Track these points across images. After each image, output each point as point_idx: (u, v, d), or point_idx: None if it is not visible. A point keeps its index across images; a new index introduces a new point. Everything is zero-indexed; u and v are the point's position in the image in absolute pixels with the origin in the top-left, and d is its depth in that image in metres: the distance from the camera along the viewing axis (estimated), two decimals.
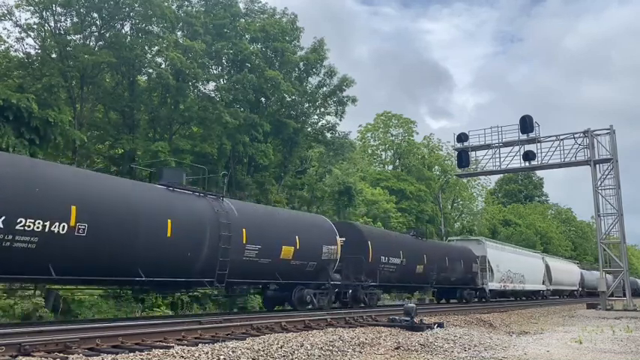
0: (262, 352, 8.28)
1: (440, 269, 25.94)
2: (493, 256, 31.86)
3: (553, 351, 10.54)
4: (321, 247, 17.59)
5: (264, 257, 15.43)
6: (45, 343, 7.60)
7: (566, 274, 47.90)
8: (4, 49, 23.38)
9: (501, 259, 32.94)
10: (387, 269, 21.75)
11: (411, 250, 23.90)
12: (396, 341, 10.62)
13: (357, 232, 21.34)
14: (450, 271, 27.07)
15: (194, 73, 24.89)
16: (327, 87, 33.09)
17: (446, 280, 27.01)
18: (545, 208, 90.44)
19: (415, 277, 24.26)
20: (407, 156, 56.51)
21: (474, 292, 30.03)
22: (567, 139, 30.43)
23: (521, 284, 35.83)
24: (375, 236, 22.18)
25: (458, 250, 29.97)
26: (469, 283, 29.41)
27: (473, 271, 29.48)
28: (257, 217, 16.20)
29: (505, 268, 32.70)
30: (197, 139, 26.83)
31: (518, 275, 35.06)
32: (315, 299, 17.39)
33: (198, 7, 29.02)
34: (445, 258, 26.90)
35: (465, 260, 28.92)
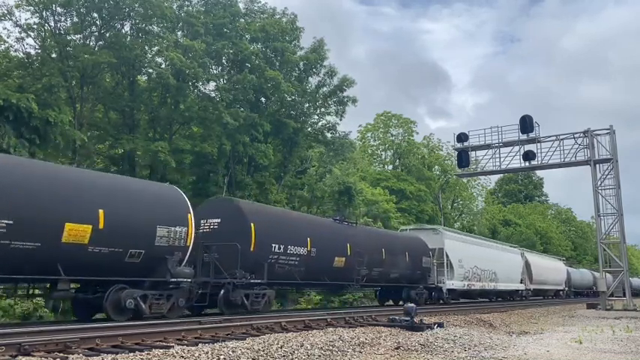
0: (262, 352, 8.28)
1: (373, 263, 20.80)
2: (453, 249, 26.79)
3: (553, 351, 10.54)
4: (155, 229, 12.36)
5: (29, 240, 10.06)
6: (45, 343, 7.61)
7: (550, 272, 43.62)
8: (4, 49, 23.40)
9: (465, 252, 27.89)
10: (283, 262, 16.26)
11: (327, 238, 18.49)
12: (396, 341, 10.62)
13: (235, 210, 15.65)
14: (388, 266, 21.91)
15: (194, 73, 24.89)
16: (328, 87, 33.11)
17: (383, 277, 21.96)
18: (545, 208, 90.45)
19: (332, 273, 18.59)
20: (407, 156, 56.51)
21: (426, 291, 24.61)
22: (567, 139, 30.43)
23: (493, 283, 31.10)
24: (264, 217, 16.34)
25: (403, 240, 24.70)
26: (419, 281, 24.35)
27: (424, 267, 24.38)
28: None
29: (470, 263, 27.90)
30: (197, 139, 26.84)
31: (489, 273, 30.37)
32: (146, 304, 12.17)
33: (199, 7, 29.03)
34: (382, 250, 21.49)
35: (412, 253, 23.75)
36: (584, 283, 54.32)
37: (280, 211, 19.66)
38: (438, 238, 26.57)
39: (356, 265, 19.53)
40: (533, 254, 42.50)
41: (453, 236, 28.90)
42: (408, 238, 25.73)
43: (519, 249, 39.42)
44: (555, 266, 46.17)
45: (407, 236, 26.09)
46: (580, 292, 53.80)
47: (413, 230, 27.90)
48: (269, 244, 15.76)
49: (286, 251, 16.34)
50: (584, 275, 55.55)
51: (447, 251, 25.92)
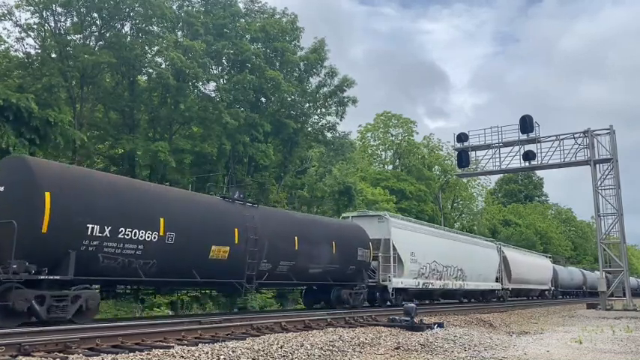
0: (262, 352, 8.28)
1: (279, 255, 15.74)
2: (404, 241, 22.03)
3: (553, 351, 10.54)
4: None
5: None
6: (45, 343, 7.61)
7: (534, 269, 38.90)
8: (4, 49, 23.40)
9: (420, 245, 23.34)
10: (112, 252, 11.33)
11: (198, 221, 13.48)
12: (396, 341, 10.62)
13: (23, 172, 10.72)
14: (304, 260, 16.72)
15: (194, 73, 24.89)
16: (328, 87, 33.12)
17: (297, 274, 16.59)
18: (545, 208, 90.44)
19: (209, 269, 13.67)
20: (407, 156, 56.50)
21: (364, 291, 19.72)
22: (567, 139, 30.43)
23: (460, 282, 26.87)
24: (72, 184, 11.13)
25: (328, 227, 19.11)
26: (354, 278, 19.26)
27: (359, 261, 19.20)
28: None
29: (427, 258, 23.65)
30: (197, 139, 26.84)
31: (454, 270, 26.13)
32: None
33: (198, 7, 29.03)
34: (294, 238, 16.36)
35: (342, 243, 18.43)
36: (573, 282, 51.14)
37: (107, 178, 12.93)
38: (383, 227, 21.62)
39: (248, 257, 14.50)
40: (512, 249, 37.96)
41: (403, 224, 23.67)
42: (338, 225, 20.10)
43: (496, 243, 34.59)
44: (539, 263, 41.62)
45: (335, 223, 20.59)
46: (568, 292, 50.54)
47: (356, 218, 22.41)
48: (81, 224, 10.72)
49: (117, 235, 11.31)
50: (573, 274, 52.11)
51: (394, 242, 21.32)
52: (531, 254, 42.97)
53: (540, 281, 40.49)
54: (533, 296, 41.39)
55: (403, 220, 24.84)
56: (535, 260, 41.20)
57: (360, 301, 19.46)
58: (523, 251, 41.27)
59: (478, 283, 29.23)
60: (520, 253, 39.15)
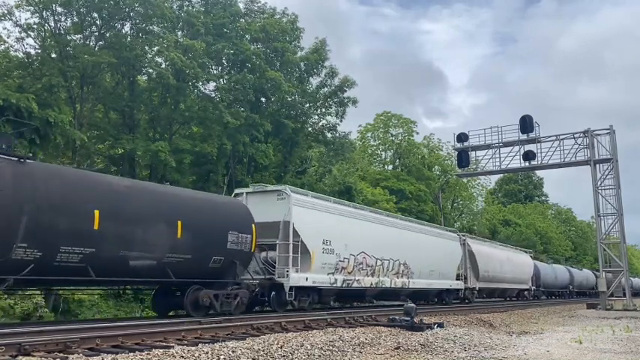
0: (262, 352, 8.28)
1: (53, 234, 10.26)
2: (310, 224, 16.93)
3: (553, 351, 10.54)
4: None
5: None
6: (45, 343, 7.60)
7: (509, 266, 33.78)
8: (4, 49, 23.39)
9: (338, 230, 18.11)
10: None
11: None
12: (396, 341, 10.62)
13: None
14: (112, 244, 11.30)
15: (194, 73, 24.90)
16: (328, 88, 33.12)
17: (104, 267, 11.13)
18: (545, 208, 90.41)
19: None
20: (407, 156, 56.47)
21: (243, 291, 14.64)
22: (567, 139, 30.46)
23: (403, 279, 21.95)
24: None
25: (172, 198, 13.23)
26: (221, 274, 13.99)
27: (231, 250, 13.98)
28: None
29: (351, 248, 18.67)
30: (197, 139, 26.85)
31: (393, 264, 21.22)
32: None
33: (198, 7, 29.04)
34: (92, 211, 10.90)
35: (195, 224, 13.06)
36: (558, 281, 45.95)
37: None
38: (283, 206, 16.51)
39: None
40: (481, 242, 32.72)
41: (312, 203, 17.66)
42: (190, 198, 14.02)
43: (459, 234, 29.58)
44: (517, 260, 36.52)
45: (187, 195, 14.19)
46: (553, 293, 45.96)
47: (251, 194, 17.33)
48: None
49: None
50: (558, 272, 46.70)
51: (296, 226, 16.16)
52: (506, 248, 37.49)
53: (518, 280, 35.81)
54: (509, 297, 37.08)
55: (314, 198, 18.26)
56: (511, 256, 35.91)
57: (235, 305, 14.18)
58: (495, 245, 36.24)
59: (431, 282, 24.28)
60: (491, 246, 33.96)
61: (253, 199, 17.03)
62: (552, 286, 44.63)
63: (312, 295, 17.15)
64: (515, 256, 37.23)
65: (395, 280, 21.42)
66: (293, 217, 16.21)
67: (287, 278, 15.74)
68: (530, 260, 39.29)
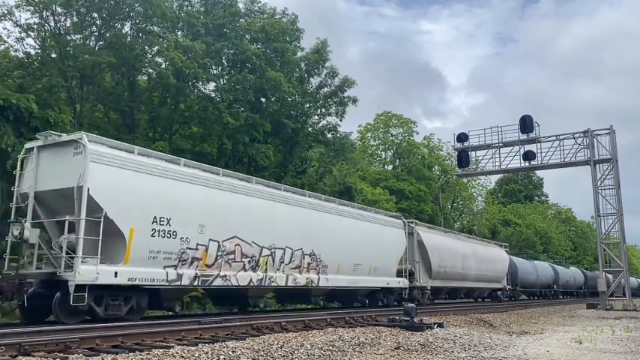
0: (262, 352, 8.28)
1: None
2: (127, 190, 11.88)
3: (553, 351, 10.54)
4: None
5: None
6: (45, 343, 7.60)
7: (474, 262, 28.00)
8: (4, 49, 23.38)
9: (184, 203, 13.05)
10: None
11: None
12: (396, 341, 10.62)
13: None
14: None
15: (194, 73, 24.90)
16: (329, 87, 33.13)
17: None
18: (545, 208, 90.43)
19: None
20: (407, 156, 56.50)
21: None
22: (567, 139, 30.47)
23: (310, 275, 16.98)
24: None
25: None
26: None
27: None
28: None
29: (212, 230, 13.64)
30: (197, 139, 26.86)
31: (290, 254, 16.23)
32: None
33: (198, 7, 29.05)
34: None
35: None
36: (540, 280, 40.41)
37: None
38: (79, 164, 11.38)
39: None
40: (437, 232, 27.12)
41: (130, 161, 12.16)
42: None
43: (405, 220, 23.62)
44: (486, 255, 30.28)
45: None
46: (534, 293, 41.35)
47: (43, 148, 12.16)
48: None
49: None
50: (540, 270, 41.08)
51: (93, 193, 11.19)
52: (473, 241, 31.46)
53: (487, 278, 30.13)
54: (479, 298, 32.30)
55: (140, 156, 12.53)
56: (478, 249, 29.64)
57: None
58: (458, 236, 30.18)
59: (355, 279, 19.10)
60: (450, 237, 27.88)
61: (46, 155, 11.98)
62: (532, 285, 39.36)
63: (136, 298, 12.11)
64: (484, 250, 30.68)
65: (296, 276, 16.26)
66: (89, 180, 11.05)
67: (72, 272, 10.67)
68: (504, 255, 33.35)
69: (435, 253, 24.20)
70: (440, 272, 24.72)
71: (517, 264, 36.21)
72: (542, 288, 42.10)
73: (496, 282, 31.87)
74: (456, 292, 28.48)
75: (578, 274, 53.25)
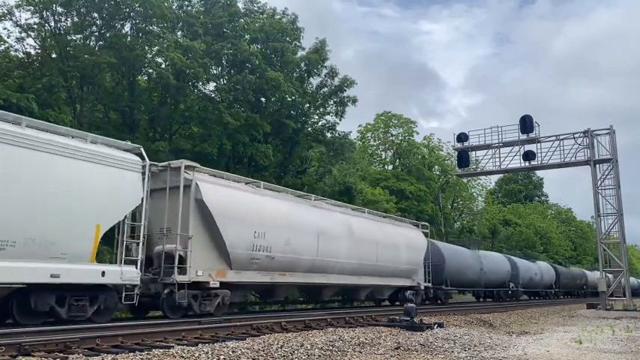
0: (262, 352, 8.28)
1: None
2: None
3: (553, 351, 10.54)
4: None
5: None
6: (45, 343, 7.60)
7: (354, 244, 18.67)
8: (4, 49, 23.40)
9: None
10: None
11: None
12: (396, 341, 10.62)
13: None
14: None
15: (194, 73, 24.91)
16: (328, 87, 33.13)
17: None
18: (545, 208, 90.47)
19: None
20: (407, 156, 56.52)
21: None
22: (567, 139, 30.42)
23: None
24: None
25: None
26: None
27: None
28: None
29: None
30: (197, 139, 26.86)
31: None
32: None
33: (198, 7, 29.06)
34: None
35: None
36: (488, 277, 30.65)
37: None
38: None
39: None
40: (229, 184, 14.88)
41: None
42: None
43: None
44: (383, 235, 20.60)
45: None
46: (477, 293, 32.58)
47: None
48: None
49: None
50: (488, 263, 31.18)
51: None
52: (352, 212, 19.91)
53: (385, 271, 20.27)
54: (356, 300, 22.31)
55: None
56: (364, 226, 19.70)
57: None
58: (319, 202, 18.56)
59: None
60: (284, 200, 16.53)
61: None
62: (474, 283, 29.44)
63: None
64: (377, 228, 20.52)
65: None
66: None
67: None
68: (420, 239, 23.19)
69: (231, 225, 13.87)
70: (248, 259, 14.39)
71: (445, 253, 26.04)
72: (496, 287, 32.41)
73: (402, 277, 21.57)
74: (313, 292, 18.77)
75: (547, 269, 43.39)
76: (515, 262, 36.20)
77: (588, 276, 53.37)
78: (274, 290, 16.60)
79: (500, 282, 33.11)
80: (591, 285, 52.05)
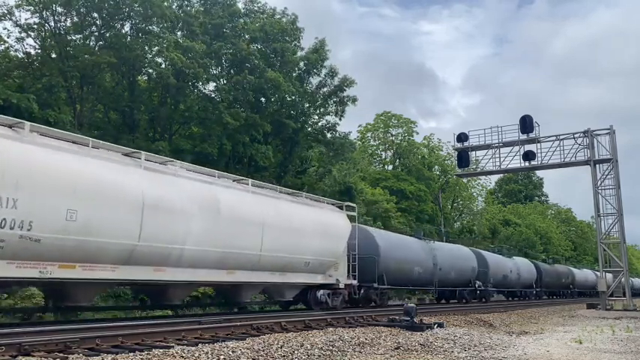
0: (262, 352, 8.28)
1: None
2: None
3: (553, 351, 10.54)
4: None
5: None
6: (45, 343, 7.60)
7: (237, 226, 13.43)
8: (4, 49, 23.39)
9: None
10: None
11: None
12: (396, 341, 10.62)
13: None
14: None
15: (194, 73, 24.91)
16: (328, 87, 33.13)
17: None
18: (545, 208, 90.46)
19: None
20: (407, 156, 56.52)
21: None
22: (567, 139, 30.42)
23: None
24: None
25: None
26: None
27: None
28: None
29: None
30: (197, 139, 26.87)
31: None
32: None
33: (198, 6, 29.06)
34: None
35: None
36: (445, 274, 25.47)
37: None
38: None
39: None
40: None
41: None
42: None
43: None
44: (285, 216, 15.35)
45: None
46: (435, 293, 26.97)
47: None
48: None
49: None
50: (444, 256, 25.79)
51: None
52: (233, 184, 14.77)
53: (268, 264, 14.71)
54: (238, 303, 16.54)
55: None
56: (244, 199, 14.35)
57: None
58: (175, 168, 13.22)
59: None
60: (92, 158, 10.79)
61: None
62: (426, 282, 24.28)
63: None
64: (254, 203, 14.54)
65: None
66: None
67: None
68: (341, 223, 17.96)
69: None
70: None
71: (380, 243, 20.81)
72: (452, 286, 27.09)
73: (312, 273, 16.58)
74: (153, 293, 13.84)
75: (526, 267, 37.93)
76: (484, 258, 30.96)
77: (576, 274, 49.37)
78: (66, 291, 10.95)
79: (463, 280, 27.85)
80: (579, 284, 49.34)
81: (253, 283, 14.97)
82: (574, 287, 49.31)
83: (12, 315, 13.50)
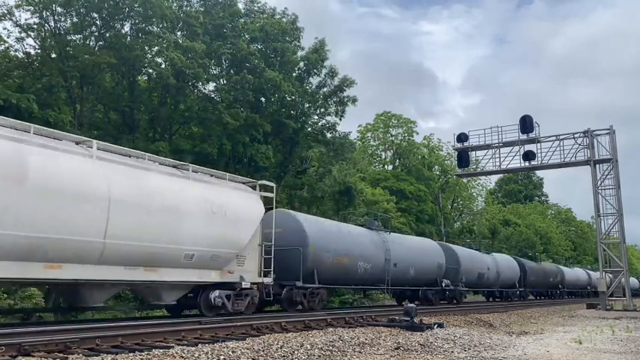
0: (262, 352, 8.28)
1: None
2: None
3: (553, 351, 10.54)
4: None
5: None
6: (45, 343, 7.60)
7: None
8: (4, 49, 23.38)
9: None
10: None
11: None
12: (396, 341, 10.62)
13: None
14: None
15: (194, 73, 24.91)
16: (328, 87, 33.12)
17: None
18: (545, 208, 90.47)
19: None
20: (407, 156, 56.51)
21: None
22: (567, 139, 30.43)
23: None
24: None
25: None
26: None
27: None
28: None
29: None
30: (197, 140, 26.86)
31: None
32: None
33: (198, 7, 29.06)
34: None
35: None
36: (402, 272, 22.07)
37: None
38: None
39: None
40: None
41: None
42: None
43: None
44: (147, 189, 11.46)
45: None
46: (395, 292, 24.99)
47: None
48: None
49: None
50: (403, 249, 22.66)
51: None
52: None
53: (118, 256, 10.72)
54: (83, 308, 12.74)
55: None
56: (61, 164, 9.94)
57: None
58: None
59: None
60: None
61: None
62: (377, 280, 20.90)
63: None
64: (97, 171, 10.56)
65: None
66: None
67: None
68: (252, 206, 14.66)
69: None
70: None
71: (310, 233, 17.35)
72: (413, 285, 23.75)
73: (202, 268, 13.12)
74: None
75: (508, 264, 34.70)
76: (454, 253, 27.26)
77: (565, 273, 46.11)
78: None
79: (427, 279, 24.49)
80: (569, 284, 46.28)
81: (95, 282, 10.79)
82: (563, 287, 45.67)
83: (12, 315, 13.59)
